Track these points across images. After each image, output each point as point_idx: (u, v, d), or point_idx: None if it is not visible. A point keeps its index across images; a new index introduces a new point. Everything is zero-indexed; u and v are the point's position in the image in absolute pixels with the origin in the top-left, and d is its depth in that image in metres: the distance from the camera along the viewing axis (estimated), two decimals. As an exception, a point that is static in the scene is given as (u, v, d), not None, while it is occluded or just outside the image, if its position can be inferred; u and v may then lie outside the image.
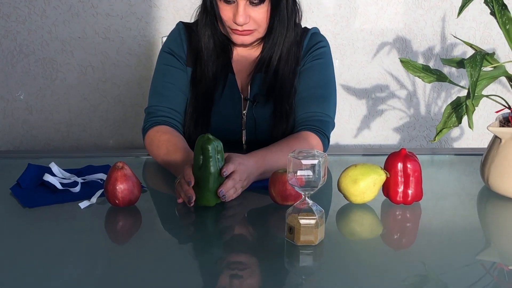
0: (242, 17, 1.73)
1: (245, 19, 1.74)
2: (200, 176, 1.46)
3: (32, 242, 1.33)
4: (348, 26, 2.75)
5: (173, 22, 1.98)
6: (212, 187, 1.47)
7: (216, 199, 1.48)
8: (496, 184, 1.57)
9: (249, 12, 1.74)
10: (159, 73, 1.90)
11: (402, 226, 1.48)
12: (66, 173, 1.65)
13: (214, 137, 1.48)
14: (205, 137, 1.47)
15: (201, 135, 1.48)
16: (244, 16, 1.74)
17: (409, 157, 1.49)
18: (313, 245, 1.29)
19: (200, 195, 1.47)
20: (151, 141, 1.79)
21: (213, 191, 1.47)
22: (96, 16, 2.61)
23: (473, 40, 2.78)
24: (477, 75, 1.40)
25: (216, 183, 1.47)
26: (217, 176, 1.47)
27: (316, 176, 1.27)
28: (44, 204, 1.49)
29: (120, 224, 1.47)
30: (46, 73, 2.65)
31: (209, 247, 1.34)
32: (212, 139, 1.46)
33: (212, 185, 1.47)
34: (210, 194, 1.47)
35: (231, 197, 1.50)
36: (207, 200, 1.48)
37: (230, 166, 1.48)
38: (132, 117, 2.73)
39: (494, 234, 1.49)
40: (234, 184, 1.49)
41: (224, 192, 1.47)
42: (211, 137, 1.47)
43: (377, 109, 2.85)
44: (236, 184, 1.50)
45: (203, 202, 1.48)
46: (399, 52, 2.78)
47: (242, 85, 1.88)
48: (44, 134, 2.72)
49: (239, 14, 1.73)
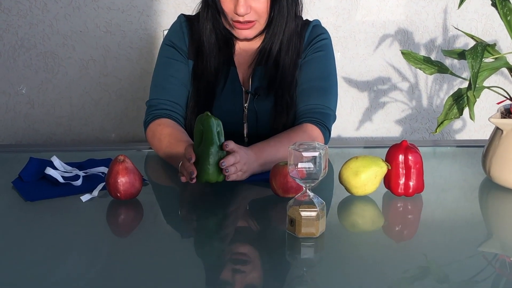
0: (243, 7, 1.73)
1: (246, 9, 1.74)
2: (200, 152, 1.46)
3: (34, 235, 1.33)
4: (350, 19, 2.74)
5: (174, 16, 1.98)
6: (213, 162, 1.46)
7: (217, 175, 1.47)
8: (497, 176, 1.57)
9: (249, 3, 1.75)
10: (160, 66, 1.90)
11: (403, 218, 1.48)
12: (68, 166, 1.65)
13: (213, 115, 1.48)
14: (204, 115, 1.48)
15: (201, 114, 1.49)
16: (245, 7, 1.74)
17: (410, 149, 1.49)
18: (314, 237, 1.30)
19: (201, 171, 1.46)
20: (153, 134, 1.79)
21: (213, 166, 1.46)
22: (97, 9, 2.61)
23: (475, 32, 2.78)
24: (478, 67, 1.39)
25: (216, 158, 1.46)
26: (217, 151, 1.46)
27: (317, 168, 1.28)
28: (46, 198, 1.50)
29: (122, 217, 1.47)
30: (48, 67, 2.65)
31: (210, 239, 1.35)
32: (211, 116, 1.47)
33: (212, 160, 1.46)
34: (211, 169, 1.46)
35: (232, 176, 1.49)
36: (208, 175, 1.46)
37: (231, 143, 1.49)
38: (133, 110, 2.73)
39: (496, 225, 1.49)
40: (235, 161, 1.49)
41: (226, 164, 1.46)
42: (210, 114, 1.47)
43: (379, 101, 2.85)
44: (237, 164, 1.50)
45: (204, 178, 1.47)
46: (401, 44, 2.78)
47: (244, 78, 1.88)
48: (46, 128, 2.72)
49: (240, 4, 1.73)
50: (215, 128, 1.47)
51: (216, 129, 1.47)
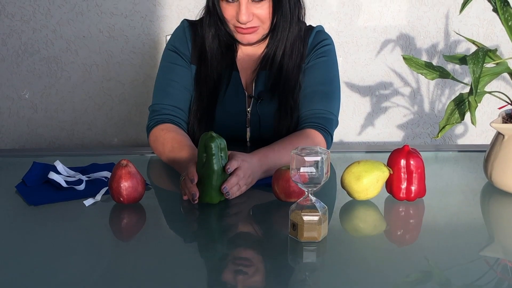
0: (245, 15, 1.74)
1: (248, 17, 1.74)
2: (204, 174, 1.47)
3: (37, 239, 1.33)
4: (352, 24, 2.75)
5: (177, 21, 1.99)
6: (215, 184, 1.47)
7: (219, 196, 1.49)
8: (499, 180, 1.58)
9: (251, 10, 1.75)
10: (163, 71, 1.90)
11: (405, 222, 1.49)
12: (71, 171, 1.66)
13: (217, 134, 1.48)
14: (208, 135, 1.48)
15: (205, 133, 1.49)
16: (247, 14, 1.74)
17: (412, 154, 1.49)
18: (317, 242, 1.30)
19: (204, 192, 1.47)
20: (155, 139, 1.79)
21: (216, 188, 1.48)
22: (101, 15, 2.62)
23: (477, 37, 2.78)
24: (479, 72, 1.40)
25: (219, 180, 1.47)
26: (220, 173, 1.47)
27: (319, 172, 1.28)
28: (49, 202, 1.50)
29: (125, 221, 1.47)
30: (51, 72, 2.66)
31: (213, 243, 1.35)
32: (215, 137, 1.47)
33: (215, 182, 1.47)
34: (214, 191, 1.48)
35: (234, 194, 1.50)
36: (211, 197, 1.48)
37: (233, 163, 1.49)
38: (136, 115, 2.74)
39: (498, 230, 1.49)
40: (238, 181, 1.50)
41: (228, 188, 1.47)
42: (214, 134, 1.48)
43: (381, 106, 2.85)
44: (240, 181, 1.50)
45: (206, 199, 1.48)
46: (403, 49, 2.78)
47: (247, 83, 1.89)
48: (49, 133, 2.73)
49: (241, 12, 1.73)
50: (218, 150, 1.47)
51: (219, 152, 1.47)
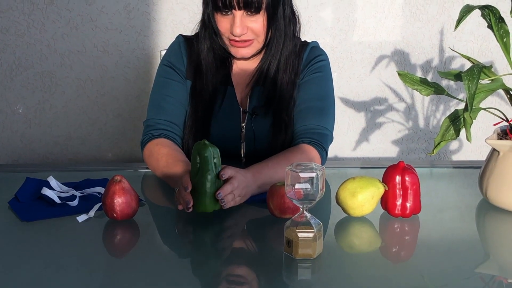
0: (239, 28, 1.74)
1: (242, 30, 1.74)
2: (197, 182, 1.46)
3: (30, 256, 1.32)
4: (347, 39, 2.76)
5: (172, 36, 1.99)
6: (209, 192, 1.46)
7: (213, 204, 1.47)
8: (494, 197, 1.57)
9: (246, 23, 1.75)
10: (158, 86, 1.90)
11: (400, 239, 1.48)
12: (64, 186, 1.65)
13: (210, 143, 1.48)
14: (201, 143, 1.47)
15: (198, 142, 1.48)
16: (241, 27, 1.74)
17: (407, 170, 1.49)
18: (311, 259, 1.29)
19: (198, 201, 1.46)
20: (150, 154, 1.78)
21: (210, 196, 1.46)
22: (95, 29, 2.62)
23: (471, 53, 2.79)
24: (474, 88, 1.40)
25: (213, 188, 1.46)
26: (214, 180, 1.46)
27: (314, 189, 1.27)
28: (42, 218, 1.49)
29: (118, 237, 1.46)
30: (45, 87, 2.66)
31: (207, 260, 1.34)
32: (208, 145, 1.46)
33: (209, 190, 1.46)
34: (208, 199, 1.46)
35: (229, 203, 1.48)
36: (205, 206, 1.47)
37: (228, 170, 1.48)
38: (130, 130, 2.73)
39: (493, 247, 1.49)
40: (233, 189, 1.48)
41: (222, 195, 1.46)
42: (207, 143, 1.47)
43: (375, 121, 2.85)
44: (234, 190, 1.49)
45: (200, 208, 1.47)
46: (398, 65, 2.79)
47: (241, 98, 1.88)
48: (43, 148, 2.72)
49: (236, 25, 1.74)
50: (212, 158, 1.46)
51: (212, 159, 1.46)
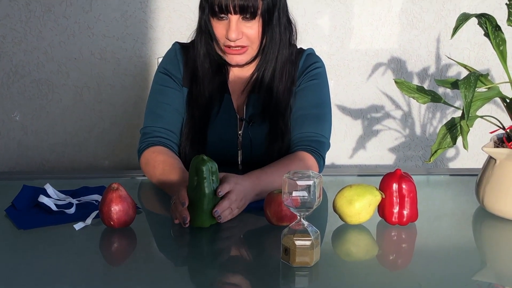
0: (235, 33, 1.74)
1: (238, 35, 1.75)
2: (195, 197, 1.46)
3: (27, 264, 1.32)
4: (343, 47, 2.76)
5: (169, 43, 1.99)
6: (207, 208, 1.46)
7: (210, 220, 1.48)
8: (491, 205, 1.57)
9: (241, 28, 1.75)
10: (155, 94, 1.90)
11: (397, 246, 1.48)
12: (61, 194, 1.65)
13: (208, 158, 1.47)
14: (199, 158, 1.47)
15: (196, 156, 1.48)
16: (236, 32, 1.74)
17: (404, 178, 1.49)
18: (309, 267, 1.29)
19: (195, 216, 1.47)
20: (146, 162, 1.78)
21: (207, 212, 1.47)
22: (92, 37, 2.62)
23: (468, 61, 2.79)
24: (471, 96, 1.40)
25: (211, 204, 1.47)
26: (211, 197, 1.46)
27: (311, 197, 1.27)
28: (39, 226, 1.49)
29: (115, 245, 1.46)
30: (42, 94, 2.65)
31: (204, 268, 1.34)
32: (206, 160, 1.46)
33: (207, 206, 1.46)
34: (205, 215, 1.47)
35: (226, 218, 1.49)
36: (202, 221, 1.47)
37: (225, 186, 1.48)
38: (127, 137, 2.73)
39: (490, 254, 1.49)
40: (230, 204, 1.49)
41: (219, 212, 1.46)
42: (206, 158, 1.47)
43: (372, 129, 2.85)
44: (232, 205, 1.50)
45: (197, 223, 1.47)
46: (394, 72, 2.79)
47: (238, 105, 1.89)
48: (40, 155, 2.71)
49: (231, 29, 1.74)
50: (210, 173, 1.46)
51: (210, 175, 1.46)
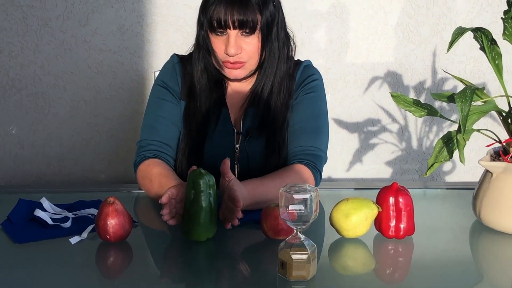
0: (234, 48, 1.74)
1: (237, 50, 1.75)
2: (191, 210, 1.46)
3: (23, 278, 1.31)
4: (340, 61, 2.77)
5: (166, 57, 1.99)
6: (203, 222, 1.46)
7: (207, 233, 1.47)
8: (488, 218, 1.57)
9: (240, 43, 1.75)
10: (152, 106, 1.90)
11: (394, 260, 1.48)
12: (57, 208, 1.64)
13: (206, 171, 1.47)
14: (196, 171, 1.47)
15: (193, 169, 1.48)
16: (235, 47, 1.75)
17: (401, 191, 1.49)
18: (305, 280, 1.29)
19: (191, 229, 1.46)
20: (143, 175, 1.78)
21: (204, 226, 1.46)
22: (89, 51, 2.62)
23: (464, 75, 2.80)
24: (467, 110, 1.41)
25: (207, 218, 1.46)
26: (208, 210, 1.46)
27: (308, 210, 1.27)
28: (34, 240, 1.49)
29: (111, 259, 1.46)
30: (38, 108, 2.65)
31: (200, 282, 1.33)
32: (203, 174, 1.46)
33: (203, 220, 1.46)
34: (201, 229, 1.46)
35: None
36: (198, 235, 1.47)
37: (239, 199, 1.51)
38: (124, 151, 2.73)
39: (487, 268, 1.49)
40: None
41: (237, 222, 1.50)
42: (203, 171, 1.47)
43: (369, 142, 2.86)
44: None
45: (194, 237, 1.47)
46: (390, 86, 2.80)
47: (235, 119, 1.89)
48: (36, 169, 2.71)
49: (230, 44, 1.74)
50: (207, 187, 1.46)
51: (207, 188, 1.46)
